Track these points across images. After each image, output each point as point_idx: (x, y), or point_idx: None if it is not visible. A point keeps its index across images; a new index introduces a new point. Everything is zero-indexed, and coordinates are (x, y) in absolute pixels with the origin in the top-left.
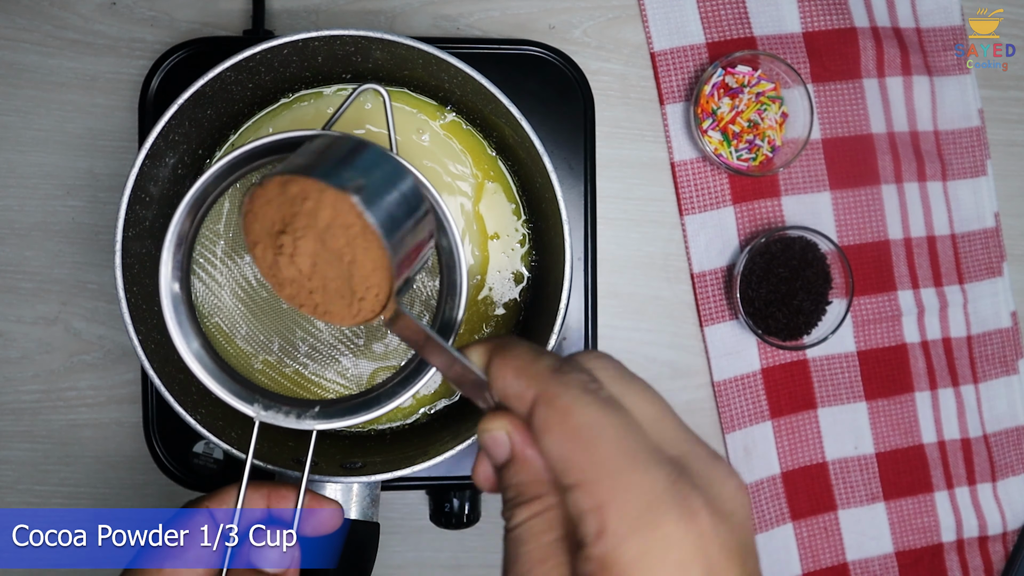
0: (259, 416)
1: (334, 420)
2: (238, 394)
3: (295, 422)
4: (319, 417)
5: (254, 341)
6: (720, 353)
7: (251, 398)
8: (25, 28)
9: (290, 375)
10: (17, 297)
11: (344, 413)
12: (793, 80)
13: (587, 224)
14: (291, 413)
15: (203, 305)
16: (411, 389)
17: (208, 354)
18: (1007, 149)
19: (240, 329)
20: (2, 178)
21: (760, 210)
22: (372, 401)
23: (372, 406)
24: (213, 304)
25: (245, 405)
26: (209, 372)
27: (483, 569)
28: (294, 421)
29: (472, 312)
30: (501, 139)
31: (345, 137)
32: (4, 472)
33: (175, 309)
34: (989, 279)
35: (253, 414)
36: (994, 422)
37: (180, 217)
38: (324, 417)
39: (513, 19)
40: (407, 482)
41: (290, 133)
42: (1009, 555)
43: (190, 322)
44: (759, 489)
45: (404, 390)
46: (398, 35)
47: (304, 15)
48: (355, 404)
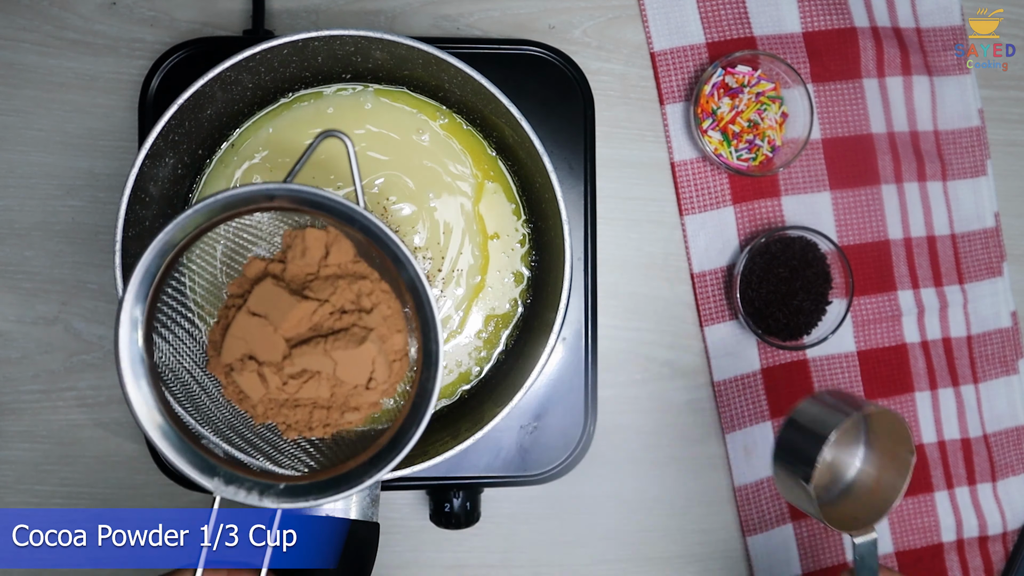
0: (219, 491)
1: (298, 500)
2: (199, 466)
3: (256, 500)
4: (282, 496)
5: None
6: (720, 353)
7: (212, 471)
8: (25, 28)
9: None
10: (17, 297)
11: (309, 492)
12: (793, 80)
13: (587, 224)
14: (254, 490)
15: (167, 358)
16: (382, 471)
17: (167, 419)
18: (1007, 149)
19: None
20: (2, 178)
21: (760, 210)
22: (340, 480)
23: (340, 486)
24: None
25: (205, 479)
26: (168, 439)
27: (483, 569)
28: (256, 499)
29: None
30: (501, 139)
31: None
32: (4, 472)
33: (135, 370)
34: (989, 279)
35: (212, 488)
36: (994, 422)
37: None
38: (288, 496)
39: (513, 19)
40: (407, 482)
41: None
42: (1009, 555)
43: (151, 383)
44: (759, 489)
45: (375, 470)
46: (398, 35)
47: (304, 15)
48: (322, 483)
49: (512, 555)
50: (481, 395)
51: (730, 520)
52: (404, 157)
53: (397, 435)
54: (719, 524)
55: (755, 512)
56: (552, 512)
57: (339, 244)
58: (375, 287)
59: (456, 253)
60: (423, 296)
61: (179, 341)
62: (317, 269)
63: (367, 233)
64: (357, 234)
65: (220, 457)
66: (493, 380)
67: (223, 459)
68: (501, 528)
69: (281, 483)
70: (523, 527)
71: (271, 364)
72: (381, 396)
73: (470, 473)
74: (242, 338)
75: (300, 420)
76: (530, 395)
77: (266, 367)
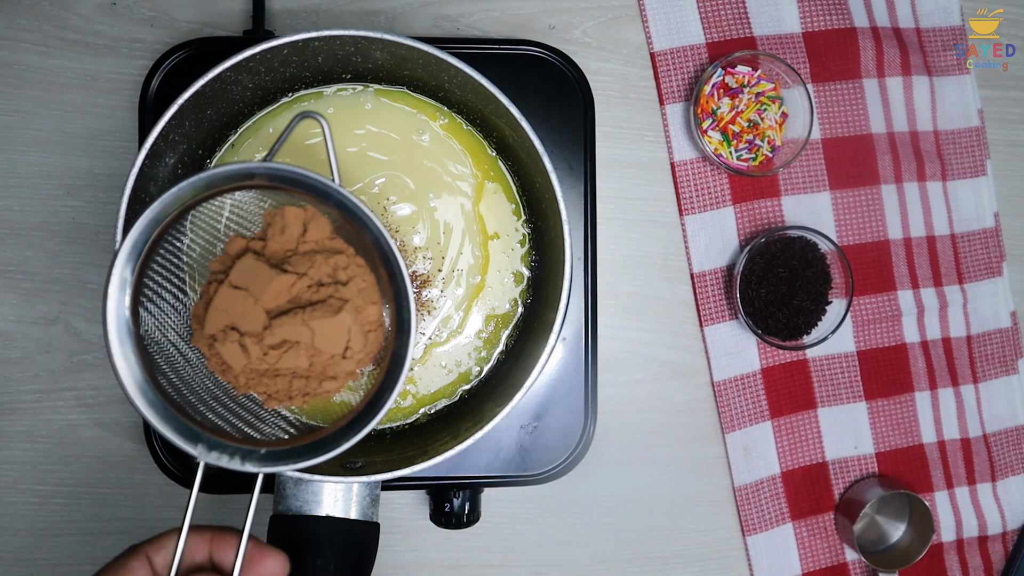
0: (202, 457)
1: (279, 464)
2: (183, 432)
3: (239, 465)
4: (264, 460)
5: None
6: (720, 353)
7: (195, 437)
8: (25, 28)
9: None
10: (17, 297)
11: (289, 457)
12: (793, 80)
13: (587, 224)
14: (236, 455)
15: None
16: (359, 434)
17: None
18: (1007, 149)
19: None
20: (2, 178)
21: (760, 210)
22: (319, 444)
23: (319, 450)
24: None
25: (189, 445)
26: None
27: (483, 569)
28: (238, 464)
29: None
30: (501, 139)
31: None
32: (4, 472)
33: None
34: (989, 279)
35: (196, 454)
36: (994, 422)
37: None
38: (269, 461)
39: (513, 19)
40: (407, 482)
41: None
42: (1009, 555)
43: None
44: (759, 489)
45: (353, 433)
46: (398, 35)
47: (304, 15)
48: (301, 447)
49: (512, 555)
50: (481, 395)
51: (730, 520)
52: (404, 157)
53: (372, 400)
54: (719, 524)
55: (755, 512)
56: (552, 512)
57: (316, 221)
58: (351, 261)
59: (456, 253)
60: (395, 267)
61: (163, 314)
62: (296, 245)
63: (342, 208)
64: (332, 210)
65: (203, 424)
66: (493, 380)
67: (206, 426)
68: (501, 528)
69: (262, 448)
70: (523, 527)
71: (252, 335)
72: (357, 365)
73: (470, 473)
74: (224, 310)
75: (280, 390)
76: (530, 395)
77: (247, 338)
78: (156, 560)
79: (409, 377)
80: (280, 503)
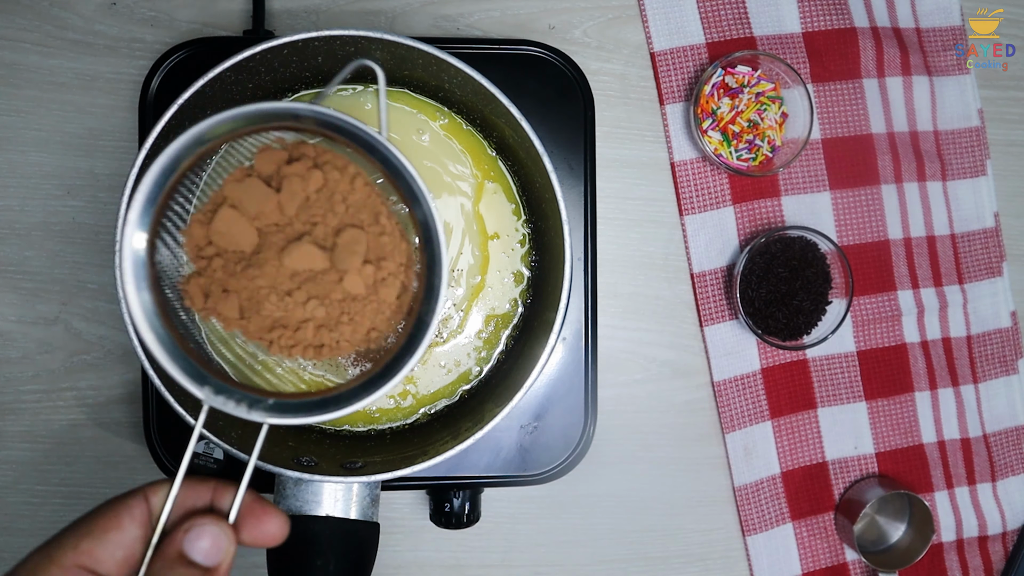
0: (208, 400)
1: (286, 416)
2: (190, 373)
3: (245, 412)
4: (271, 411)
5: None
6: (720, 353)
7: (203, 379)
8: (25, 28)
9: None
10: (17, 297)
11: (298, 410)
12: (793, 80)
13: (587, 224)
14: (243, 402)
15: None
16: (373, 395)
17: (164, 325)
18: (1007, 149)
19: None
20: (2, 178)
21: (760, 210)
22: (330, 401)
23: (329, 406)
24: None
25: (195, 386)
26: (163, 344)
27: (483, 569)
28: (244, 411)
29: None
30: (501, 139)
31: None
32: (4, 472)
33: (136, 268)
34: (989, 279)
35: (203, 397)
36: (994, 422)
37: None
38: (276, 411)
39: (513, 19)
40: (407, 482)
41: (280, 104)
42: (1009, 555)
43: (151, 289)
44: (759, 489)
45: (367, 393)
46: (398, 35)
47: (304, 15)
48: (311, 402)
49: (512, 555)
50: (481, 395)
51: (730, 520)
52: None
53: (391, 362)
54: (719, 524)
55: (755, 512)
56: (552, 512)
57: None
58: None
59: (456, 253)
60: (433, 232)
61: (180, 251)
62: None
63: (386, 164)
64: (377, 164)
65: (212, 367)
66: (493, 380)
67: (215, 370)
68: (501, 528)
69: (270, 398)
70: (523, 527)
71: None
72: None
73: (470, 473)
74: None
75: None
76: (530, 395)
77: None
78: (153, 501)
79: (409, 377)
80: (280, 503)
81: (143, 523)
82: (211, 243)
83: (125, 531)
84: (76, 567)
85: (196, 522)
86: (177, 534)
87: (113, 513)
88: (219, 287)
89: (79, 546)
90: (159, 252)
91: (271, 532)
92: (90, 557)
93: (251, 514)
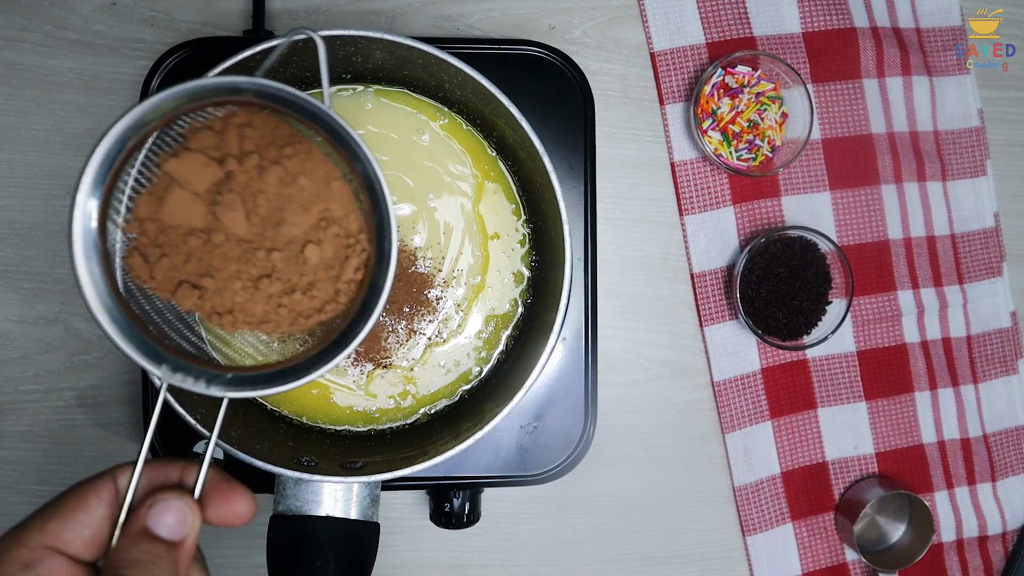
0: (167, 378)
1: (246, 389)
2: (146, 352)
3: (204, 388)
4: (230, 385)
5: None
6: (720, 353)
7: (159, 358)
8: (25, 28)
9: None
10: (17, 297)
11: (256, 382)
12: (793, 80)
13: (587, 224)
14: (201, 378)
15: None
16: (329, 363)
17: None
18: (1007, 149)
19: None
20: (3, 178)
21: (760, 210)
22: (287, 372)
23: (287, 377)
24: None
25: (152, 365)
26: (116, 323)
27: (483, 569)
28: (203, 387)
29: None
30: (501, 139)
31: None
32: (4, 472)
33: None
34: (989, 279)
35: (160, 375)
36: (994, 422)
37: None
38: (235, 385)
39: (513, 19)
40: (407, 482)
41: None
42: (1009, 555)
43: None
44: (759, 489)
45: (322, 363)
46: (398, 35)
47: (304, 15)
48: (268, 374)
49: (512, 555)
50: (481, 395)
51: (730, 520)
52: (404, 157)
53: (346, 330)
54: (719, 524)
55: (755, 512)
56: (552, 512)
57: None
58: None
59: (456, 253)
60: (380, 195)
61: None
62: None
63: (331, 132)
64: (321, 132)
65: (168, 345)
66: (493, 380)
67: (171, 347)
68: (501, 528)
69: (229, 373)
70: (523, 527)
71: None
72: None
73: (470, 473)
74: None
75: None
76: (530, 395)
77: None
78: (121, 481)
79: (409, 377)
80: (280, 503)
81: (110, 503)
82: (158, 219)
83: (92, 511)
84: (43, 547)
85: (160, 497)
86: (141, 510)
87: (80, 494)
88: (161, 256)
89: (46, 527)
90: (109, 230)
91: (238, 511)
92: (56, 537)
93: (218, 492)
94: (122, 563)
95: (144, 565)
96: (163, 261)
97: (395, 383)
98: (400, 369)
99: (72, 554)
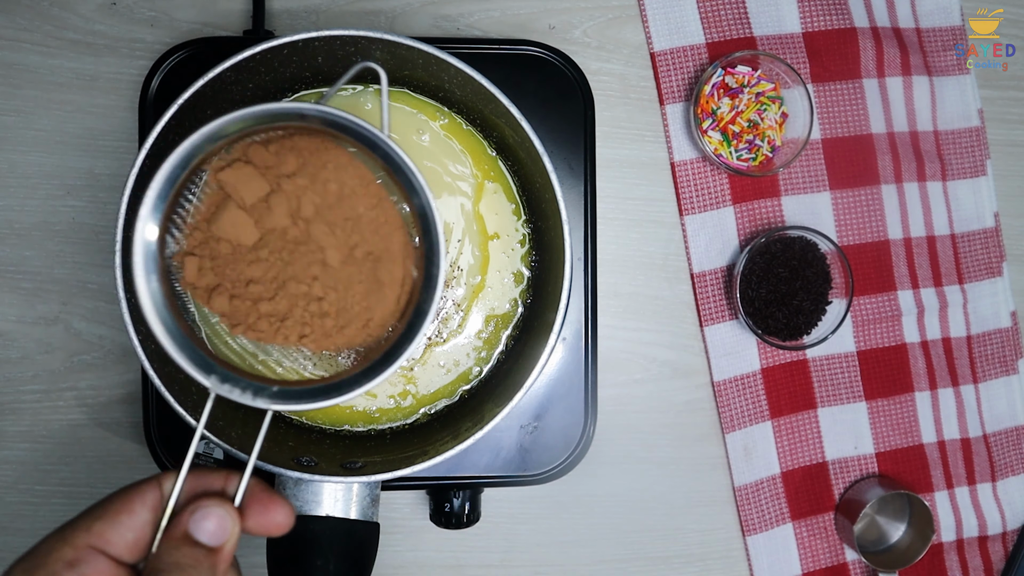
0: (215, 388)
1: (290, 403)
2: (197, 362)
3: (250, 399)
4: (275, 398)
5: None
6: (720, 353)
7: (209, 368)
8: (25, 28)
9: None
10: (17, 297)
11: (301, 396)
12: (793, 80)
13: (587, 224)
14: (248, 390)
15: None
16: (373, 381)
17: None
18: (1007, 149)
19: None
20: (2, 178)
21: (760, 210)
22: (331, 388)
23: (331, 392)
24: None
25: (202, 375)
26: (170, 334)
27: (483, 569)
28: (249, 398)
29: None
30: (501, 139)
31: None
32: (4, 472)
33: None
34: (989, 279)
35: (209, 385)
36: (994, 422)
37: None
38: (280, 398)
39: (513, 19)
40: (407, 482)
41: (286, 105)
42: (1009, 555)
43: (160, 280)
44: (759, 489)
45: (366, 380)
46: (398, 35)
47: (304, 15)
48: (314, 388)
49: (512, 555)
50: (481, 395)
51: (730, 520)
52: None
53: (391, 350)
54: (719, 524)
55: (755, 512)
56: (552, 512)
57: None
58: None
59: (456, 253)
60: (431, 223)
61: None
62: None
63: (387, 160)
64: (379, 161)
65: (217, 357)
66: (493, 380)
67: (220, 359)
68: (501, 528)
69: (274, 386)
70: (523, 527)
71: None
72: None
73: (470, 473)
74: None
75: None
76: (530, 395)
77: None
78: (166, 487)
79: (409, 377)
80: None
81: (154, 508)
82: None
83: (136, 515)
84: (88, 547)
85: (202, 504)
86: (184, 515)
87: (126, 498)
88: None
89: (91, 528)
90: (168, 245)
91: (277, 521)
92: (101, 538)
93: (258, 502)
94: (163, 566)
95: (184, 568)
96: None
97: (395, 383)
98: (400, 369)
99: (115, 555)
